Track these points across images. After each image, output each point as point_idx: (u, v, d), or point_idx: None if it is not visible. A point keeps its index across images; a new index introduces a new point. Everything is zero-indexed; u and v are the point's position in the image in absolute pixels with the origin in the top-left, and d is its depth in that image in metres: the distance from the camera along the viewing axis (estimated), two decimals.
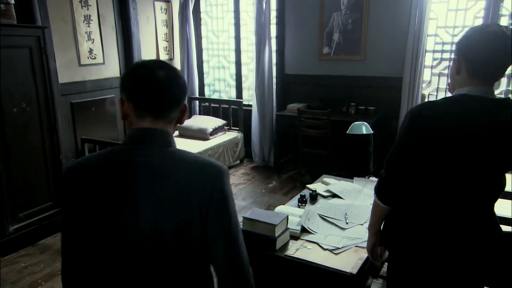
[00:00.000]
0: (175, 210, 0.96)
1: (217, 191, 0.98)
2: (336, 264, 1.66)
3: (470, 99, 1.29)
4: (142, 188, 0.96)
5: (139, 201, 0.96)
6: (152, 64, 1.03)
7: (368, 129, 2.70)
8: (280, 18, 4.87)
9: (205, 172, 0.99)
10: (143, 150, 0.99)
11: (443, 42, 4.19)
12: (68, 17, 3.99)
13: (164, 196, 0.96)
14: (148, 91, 0.99)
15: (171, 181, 0.96)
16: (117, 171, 0.98)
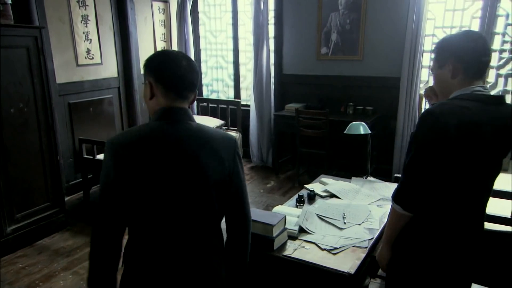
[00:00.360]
0: (218, 165, 1.24)
1: (237, 153, 1.31)
2: (334, 264, 1.67)
3: (483, 96, 1.34)
4: (192, 152, 1.20)
5: (193, 161, 1.20)
6: (176, 54, 1.26)
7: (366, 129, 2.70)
8: (278, 18, 4.87)
9: (228, 139, 1.30)
10: (177, 125, 1.22)
11: None
12: (65, 17, 3.98)
13: (210, 157, 1.23)
14: (176, 76, 1.22)
15: (209, 146, 1.23)
16: (166, 143, 1.19)
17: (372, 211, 2.13)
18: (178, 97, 1.23)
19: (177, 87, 1.22)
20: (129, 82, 4.81)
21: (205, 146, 1.22)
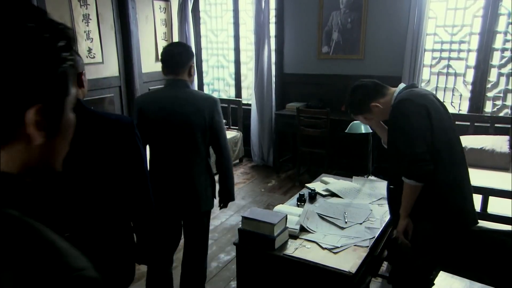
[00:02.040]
0: (199, 117, 1.97)
1: (215, 109, 2.02)
2: (335, 263, 1.66)
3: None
4: (182, 107, 1.96)
5: (185, 112, 1.96)
6: (174, 44, 2.16)
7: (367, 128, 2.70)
8: (279, 17, 4.87)
9: (208, 99, 2.04)
10: (175, 89, 1.99)
11: (442, 41, 4.19)
12: (66, 16, 3.98)
13: (194, 110, 1.96)
14: (168, 60, 1.98)
15: (195, 103, 1.98)
16: (171, 99, 1.98)
17: (373, 210, 2.13)
18: (173, 72, 1.99)
19: (170, 67, 1.99)
20: (130, 81, 4.81)
21: (191, 103, 1.96)
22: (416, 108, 1.72)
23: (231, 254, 3.06)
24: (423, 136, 1.67)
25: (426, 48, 4.16)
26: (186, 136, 1.96)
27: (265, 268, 1.81)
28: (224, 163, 2.11)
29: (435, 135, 1.70)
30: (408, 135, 1.69)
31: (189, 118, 1.94)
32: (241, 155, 5.24)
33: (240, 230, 1.85)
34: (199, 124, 1.96)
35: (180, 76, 1.98)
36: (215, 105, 2.01)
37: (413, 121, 1.69)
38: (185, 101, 1.96)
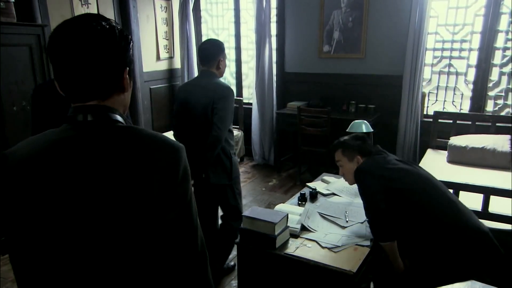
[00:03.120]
0: (209, 101, 2.38)
1: (224, 97, 2.36)
2: (336, 262, 1.67)
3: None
4: (201, 92, 2.38)
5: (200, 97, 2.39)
6: (206, 41, 2.48)
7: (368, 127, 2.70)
8: (280, 16, 4.86)
9: (224, 89, 2.40)
10: (204, 79, 2.42)
11: (444, 40, 4.18)
12: (68, 15, 3.99)
13: (207, 95, 2.37)
14: (200, 54, 2.43)
15: (210, 90, 2.36)
16: (195, 86, 2.45)
17: None
18: (204, 65, 2.42)
19: (202, 60, 2.42)
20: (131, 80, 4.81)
21: (208, 90, 2.38)
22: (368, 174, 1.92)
23: (232, 253, 3.06)
24: (377, 198, 1.82)
25: (427, 47, 4.15)
26: (198, 115, 2.38)
27: (266, 267, 1.81)
28: (211, 137, 2.32)
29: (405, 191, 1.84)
30: (365, 199, 1.89)
31: (200, 101, 2.37)
32: (242, 154, 5.24)
33: (241, 229, 1.85)
34: (206, 106, 2.35)
35: (209, 68, 2.41)
36: (227, 93, 2.36)
37: (368, 185, 1.88)
38: (204, 88, 2.38)
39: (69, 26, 0.83)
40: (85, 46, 0.81)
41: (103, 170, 0.79)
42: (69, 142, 0.82)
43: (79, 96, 0.85)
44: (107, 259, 0.81)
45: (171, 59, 5.54)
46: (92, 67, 0.82)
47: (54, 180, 0.79)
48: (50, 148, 0.82)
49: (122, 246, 0.81)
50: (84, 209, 0.79)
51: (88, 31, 0.82)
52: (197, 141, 2.39)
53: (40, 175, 0.80)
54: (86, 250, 0.80)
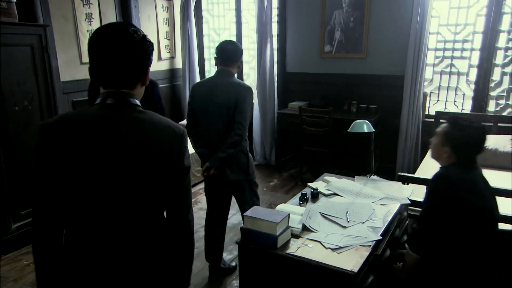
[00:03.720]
0: (230, 99, 2.45)
1: (244, 95, 2.47)
2: (337, 262, 1.66)
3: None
4: (221, 91, 2.45)
5: (220, 95, 2.45)
6: (229, 42, 2.53)
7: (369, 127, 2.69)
8: (281, 16, 4.86)
9: (243, 87, 2.48)
10: (225, 79, 2.48)
11: (445, 40, 4.18)
12: (69, 15, 3.99)
13: (227, 93, 2.44)
14: (223, 54, 2.46)
15: (230, 89, 2.45)
16: (214, 84, 2.49)
17: (376, 209, 2.13)
18: (224, 64, 2.48)
19: (223, 60, 2.48)
20: None
21: (227, 89, 2.45)
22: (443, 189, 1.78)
23: (234, 253, 3.06)
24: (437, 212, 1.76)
25: (429, 47, 4.15)
26: (220, 114, 2.45)
27: (268, 267, 1.81)
28: (235, 136, 2.43)
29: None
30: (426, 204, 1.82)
31: (222, 100, 2.43)
32: None
33: (243, 229, 1.85)
34: (226, 105, 2.42)
35: (229, 68, 2.49)
36: (249, 93, 2.47)
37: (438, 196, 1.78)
38: (225, 87, 2.44)
39: (111, 31, 1.11)
40: (125, 49, 1.10)
41: (123, 139, 1.09)
42: (102, 117, 1.10)
43: (113, 84, 1.13)
44: (116, 206, 1.12)
45: (172, 59, 5.55)
46: (128, 65, 1.12)
47: (88, 140, 1.08)
48: (89, 119, 1.10)
49: (127, 197, 1.12)
50: (106, 161, 1.09)
51: (127, 37, 1.10)
52: (215, 139, 2.49)
53: (77, 138, 1.08)
54: (101, 195, 1.11)
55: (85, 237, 1.15)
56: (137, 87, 1.17)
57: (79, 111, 1.15)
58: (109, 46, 1.09)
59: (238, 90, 2.44)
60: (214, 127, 2.50)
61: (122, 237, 1.16)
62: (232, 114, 2.44)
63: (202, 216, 3.76)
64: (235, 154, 2.49)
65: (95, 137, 1.09)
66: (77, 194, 1.11)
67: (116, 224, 1.15)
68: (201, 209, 3.92)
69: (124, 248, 1.16)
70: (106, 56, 1.09)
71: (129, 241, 1.17)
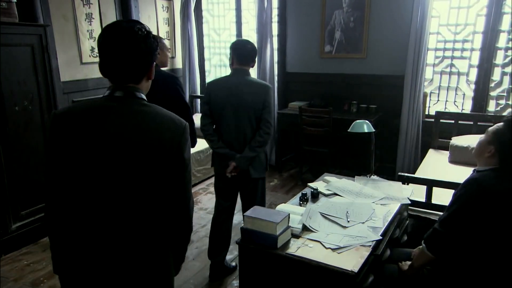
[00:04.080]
0: (254, 98, 2.51)
1: (267, 94, 2.53)
2: (337, 262, 1.66)
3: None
4: (242, 89, 2.47)
5: (242, 94, 2.48)
6: (247, 42, 2.54)
7: (369, 127, 2.69)
8: (281, 16, 4.86)
9: (263, 86, 2.53)
10: (245, 78, 2.50)
11: (445, 40, 4.18)
12: (69, 15, 3.99)
13: (250, 93, 2.49)
14: (242, 53, 2.49)
15: (251, 88, 2.49)
16: (230, 86, 2.50)
17: (376, 209, 2.13)
18: (242, 63, 2.50)
19: (241, 60, 2.49)
20: None
21: (248, 88, 2.47)
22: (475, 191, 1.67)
23: (234, 253, 3.06)
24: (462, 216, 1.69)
25: (429, 47, 4.15)
26: (247, 113, 2.46)
27: (268, 267, 1.81)
28: (265, 135, 2.50)
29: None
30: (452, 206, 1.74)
31: (250, 100, 2.45)
32: None
33: (243, 229, 1.85)
34: (252, 104, 2.45)
35: (246, 67, 2.51)
36: (271, 90, 2.52)
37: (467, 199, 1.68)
38: (249, 86, 2.47)
39: (117, 29, 1.17)
40: (130, 47, 1.16)
41: (127, 130, 1.15)
42: (109, 109, 1.18)
43: (120, 79, 1.20)
44: (118, 192, 1.18)
45: (172, 59, 5.55)
46: (133, 61, 1.18)
47: (94, 131, 1.15)
48: (96, 110, 1.18)
49: (128, 185, 1.17)
50: (108, 152, 1.15)
51: (132, 35, 1.16)
52: (242, 139, 2.52)
53: (85, 126, 1.15)
54: (104, 182, 1.16)
55: (88, 226, 1.22)
56: (142, 81, 1.24)
57: (89, 103, 1.22)
58: (115, 43, 1.16)
59: (266, 90, 2.49)
60: (239, 127, 2.49)
61: (122, 227, 1.21)
62: (259, 113, 2.47)
63: (202, 216, 3.76)
64: (261, 153, 2.55)
65: (101, 128, 1.16)
66: (82, 181, 1.19)
67: (118, 213, 1.20)
68: (201, 209, 3.92)
69: (124, 236, 1.22)
70: (113, 53, 1.17)
71: (129, 230, 1.22)
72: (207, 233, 3.43)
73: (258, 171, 2.59)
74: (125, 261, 1.23)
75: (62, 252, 1.27)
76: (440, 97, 4.36)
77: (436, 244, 1.77)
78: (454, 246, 1.72)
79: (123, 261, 1.23)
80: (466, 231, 1.68)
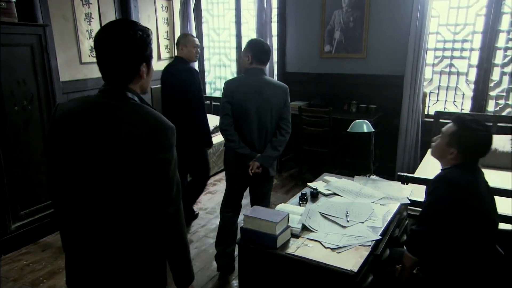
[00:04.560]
0: (274, 98, 2.56)
1: (287, 94, 2.62)
2: (337, 262, 1.66)
3: None
4: (263, 89, 2.50)
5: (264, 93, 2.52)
6: (262, 41, 2.60)
7: (369, 127, 2.69)
8: (281, 16, 4.86)
9: (282, 86, 2.60)
10: (261, 77, 2.53)
11: (445, 40, 4.18)
12: (69, 15, 3.99)
13: (271, 93, 2.53)
14: (263, 53, 2.52)
15: (271, 88, 2.54)
16: (254, 85, 2.51)
17: (375, 209, 2.13)
18: (261, 63, 2.54)
19: (261, 59, 2.53)
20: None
21: (268, 87, 2.53)
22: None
23: None
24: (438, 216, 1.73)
25: (428, 47, 4.15)
26: (270, 113, 2.50)
27: (267, 266, 1.81)
28: (286, 134, 2.59)
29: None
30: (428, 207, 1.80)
31: (272, 100, 2.49)
32: None
33: (242, 229, 1.85)
34: (274, 105, 2.50)
35: (263, 66, 2.55)
36: (288, 90, 2.57)
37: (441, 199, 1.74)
38: (271, 86, 2.53)
39: (108, 30, 1.20)
40: (116, 46, 1.18)
41: (111, 129, 1.16)
42: (97, 108, 1.19)
43: (109, 78, 1.22)
44: (104, 189, 1.18)
45: (171, 59, 5.54)
46: (121, 62, 1.20)
47: (81, 129, 1.18)
48: (85, 109, 1.20)
49: (113, 183, 1.17)
50: (94, 149, 1.16)
51: (120, 35, 1.18)
52: (263, 138, 2.56)
53: (72, 124, 1.19)
54: (91, 177, 1.18)
55: (79, 223, 1.24)
56: (133, 80, 1.24)
57: (80, 101, 1.24)
58: (104, 43, 1.18)
59: (285, 89, 2.56)
60: (262, 127, 2.53)
61: (108, 230, 1.21)
62: (279, 113, 2.54)
63: (202, 217, 3.76)
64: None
65: (87, 126, 1.18)
66: (71, 177, 1.22)
67: (104, 211, 1.20)
68: (200, 209, 3.92)
69: (111, 238, 1.22)
70: (102, 52, 1.19)
71: (115, 230, 1.21)
72: (206, 233, 3.44)
73: (274, 169, 2.72)
74: (112, 261, 1.23)
75: (65, 248, 1.32)
76: (440, 97, 4.36)
77: (415, 244, 1.80)
78: (433, 243, 1.75)
79: (110, 261, 1.23)
80: (441, 226, 1.72)
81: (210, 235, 3.40)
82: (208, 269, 2.89)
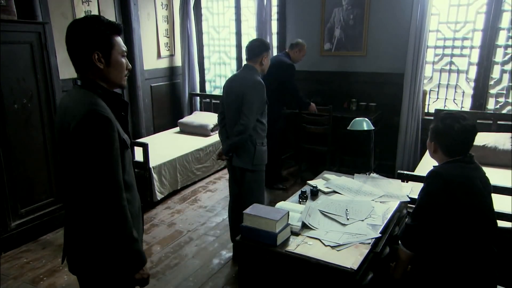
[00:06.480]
0: (243, 92, 2.68)
1: (252, 88, 2.67)
2: (337, 260, 1.67)
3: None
4: (238, 83, 2.72)
5: (237, 87, 2.73)
6: (255, 39, 2.84)
7: (369, 125, 2.68)
8: (281, 14, 4.86)
9: (255, 82, 2.69)
10: (242, 72, 2.77)
11: (445, 38, 4.17)
12: (68, 13, 3.98)
13: (243, 88, 2.68)
14: (247, 49, 2.75)
15: (245, 83, 2.68)
16: (232, 79, 2.82)
17: (375, 207, 2.13)
18: (248, 60, 2.73)
19: (247, 55, 2.75)
20: (132, 78, 4.81)
21: (244, 82, 2.70)
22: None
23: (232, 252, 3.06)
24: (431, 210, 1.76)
25: (428, 44, 4.15)
26: (235, 105, 2.68)
27: (267, 264, 1.81)
28: (239, 125, 2.65)
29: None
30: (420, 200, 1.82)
31: (237, 92, 2.67)
32: None
33: (242, 227, 1.85)
34: (240, 97, 2.64)
35: (252, 63, 2.73)
36: (255, 86, 2.65)
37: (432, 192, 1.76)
38: (240, 80, 2.71)
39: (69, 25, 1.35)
40: (66, 39, 1.34)
41: (60, 115, 1.33)
42: (63, 98, 1.40)
43: (75, 69, 1.37)
44: (66, 175, 1.36)
45: (171, 57, 5.54)
46: (69, 51, 1.34)
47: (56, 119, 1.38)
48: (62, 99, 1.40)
49: (64, 167, 1.35)
50: (57, 137, 1.36)
51: (68, 29, 1.34)
52: (232, 129, 2.74)
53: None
54: (62, 165, 1.37)
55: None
56: (91, 70, 1.33)
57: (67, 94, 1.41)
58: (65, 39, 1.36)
59: (247, 83, 2.66)
60: (232, 118, 2.73)
61: (70, 217, 1.40)
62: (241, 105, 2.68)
63: (201, 214, 3.77)
64: (242, 142, 2.68)
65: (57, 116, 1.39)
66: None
67: (67, 193, 1.40)
68: (200, 207, 3.92)
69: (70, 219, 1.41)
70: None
71: (71, 212, 1.39)
72: (206, 231, 3.44)
73: (242, 161, 2.74)
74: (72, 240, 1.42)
75: None
76: (440, 94, 4.36)
77: (410, 238, 1.82)
78: (427, 237, 1.77)
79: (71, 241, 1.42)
80: (435, 220, 1.74)
81: (209, 233, 3.40)
82: (207, 267, 2.89)
